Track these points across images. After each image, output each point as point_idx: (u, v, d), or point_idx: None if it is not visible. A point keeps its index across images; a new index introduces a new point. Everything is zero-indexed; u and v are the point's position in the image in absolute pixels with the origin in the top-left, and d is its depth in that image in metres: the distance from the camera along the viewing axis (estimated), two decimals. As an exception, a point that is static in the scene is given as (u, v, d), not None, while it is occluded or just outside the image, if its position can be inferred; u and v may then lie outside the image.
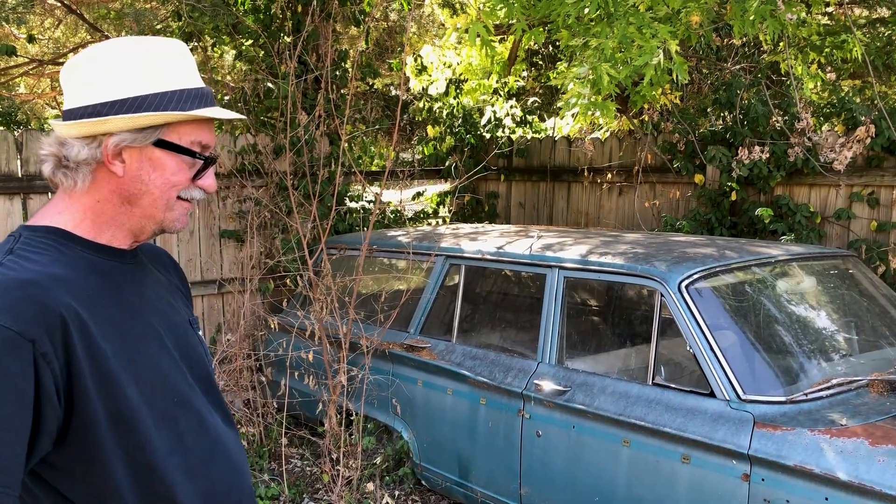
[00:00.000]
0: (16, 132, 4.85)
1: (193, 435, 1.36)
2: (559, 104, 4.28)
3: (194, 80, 1.35)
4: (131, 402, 1.26)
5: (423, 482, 4.15)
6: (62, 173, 1.31)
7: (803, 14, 5.20)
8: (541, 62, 9.05)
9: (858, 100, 6.43)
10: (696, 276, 3.20)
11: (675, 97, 6.19)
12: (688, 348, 3.06)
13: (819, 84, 6.85)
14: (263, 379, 4.88)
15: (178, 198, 1.36)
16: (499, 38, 8.52)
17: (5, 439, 1.13)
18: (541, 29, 4.13)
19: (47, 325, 1.17)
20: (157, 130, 1.31)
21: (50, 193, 4.84)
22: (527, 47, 8.83)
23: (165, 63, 1.32)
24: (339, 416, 4.25)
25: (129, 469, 1.26)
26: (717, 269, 3.31)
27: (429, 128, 7.46)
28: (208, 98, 1.36)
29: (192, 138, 1.34)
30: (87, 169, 1.30)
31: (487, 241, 4.16)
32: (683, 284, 3.15)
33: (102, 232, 1.34)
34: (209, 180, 1.40)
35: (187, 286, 1.63)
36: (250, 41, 5.86)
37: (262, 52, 5.75)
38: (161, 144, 1.31)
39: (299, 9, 5.68)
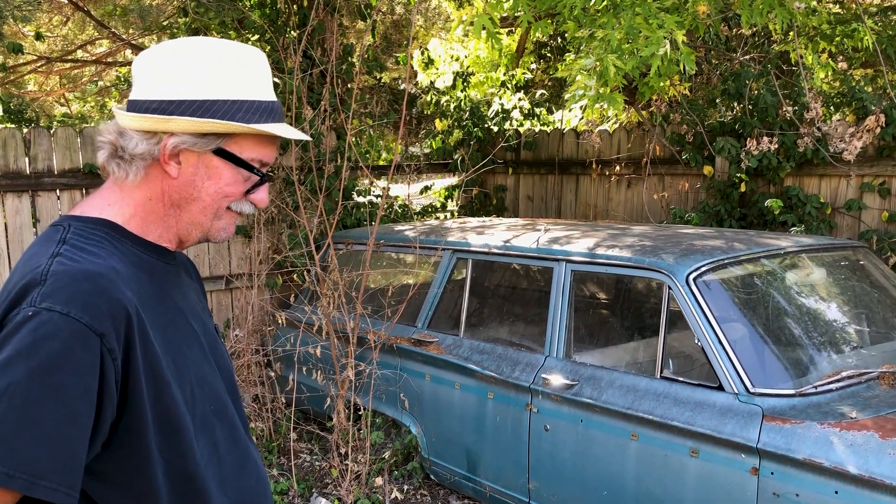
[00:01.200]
0: (24, 129, 4.86)
1: (227, 444, 1.33)
2: (566, 96, 4.25)
3: (266, 93, 1.31)
4: (178, 405, 1.22)
5: (432, 476, 4.14)
6: (116, 163, 1.27)
7: (813, 3, 5.14)
8: (549, 54, 9.00)
9: (870, 89, 6.37)
10: (703, 269, 3.18)
11: (685, 88, 6.14)
12: (696, 341, 3.04)
13: (830, 73, 6.78)
14: (272, 374, 4.89)
15: (228, 208, 1.33)
16: (506, 30, 8.49)
17: (74, 437, 1.08)
18: (548, 21, 4.11)
19: (114, 320, 1.12)
20: (219, 139, 1.27)
21: (58, 191, 4.85)
22: (535, 39, 8.78)
23: (240, 70, 1.28)
24: (347, 410, 4.25)
25: (168, 476, 1.22)
26: (726, 261, 3.28)
27: (437, 121, 7.44)
28: (277, 113, 1.31)
29: (254, 154, 1.30)
30: (142, 164, 1.27)
31: (494, 234, 4.14)
32: (691, 277, 3.13)
33: (151, 230, 1.31)
34: (262, 195, 1.35)
35: (206, 297, 1.60)
36: (256, 36, 5.85)
37: (269, 48, 5.74)
38: (220, 153, 1.28)
39: (305, 3, 5.67)
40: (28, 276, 1.13)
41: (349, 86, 5.80)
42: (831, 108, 5.50)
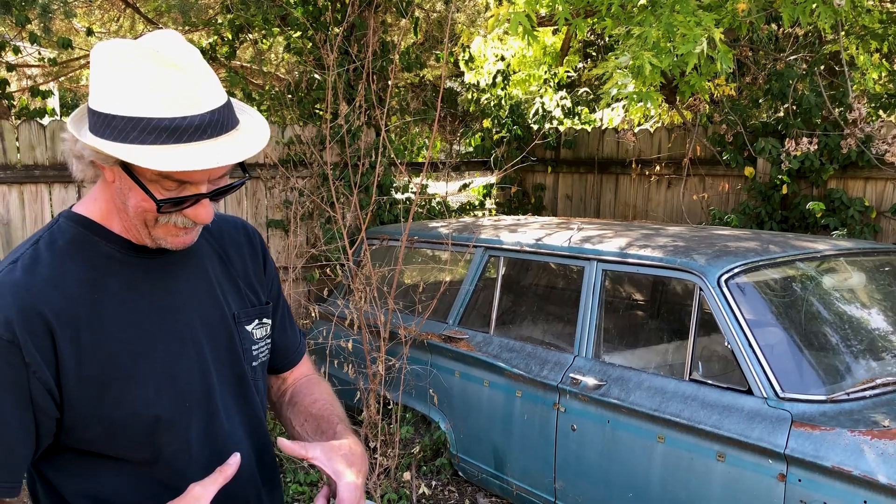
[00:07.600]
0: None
1: (199, 444, 1.33)
2: (600, 93, 4.21)
3: (189, 107, 1.12)
4: (136, 404, 1.24)
5: (460, 473, 4.15)
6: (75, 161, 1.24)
7: (869, 3, 5.00)
8: (595, 53, 8.93)
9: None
10: (736, 271, 3.12)
11: (731, 88, 6.03)
12: (726, 344, 2.99)
13: (885, 74, 6.59)
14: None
15: (158, 221, 1.22)
16: (551, 29, 8.44)
17: (3, 439, 1.16)
18: (583, 19, 4.08)
19: (32, 331, 1.16)
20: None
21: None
22: (581, 38, 8.72)
23: (155, 81, 1.11)
24: (377, 405, 4.27)
25: (123, 474, 1.27)
26: (759, 263, 3.22)
27: (485, 121, 7.44)
28: (199, 130, 1.11)
29: (165, 170, 1.11)
30: (82, 164, 1.21)
31: (527, 232, 4.13)
32: (723, 278, 3.08)
33: (115, 225, 1.28)
34: (198, 210, 1.20)
35: (261, 265, 1.51)
36: (298, 33, 5.92)
37: (310, 44, 5.80)
38: (126, 170, 1.16)
39: (347, 0, 5.72)
40: None
41: (389, 82, 5.84)
42: (880, 109, 5.35)
